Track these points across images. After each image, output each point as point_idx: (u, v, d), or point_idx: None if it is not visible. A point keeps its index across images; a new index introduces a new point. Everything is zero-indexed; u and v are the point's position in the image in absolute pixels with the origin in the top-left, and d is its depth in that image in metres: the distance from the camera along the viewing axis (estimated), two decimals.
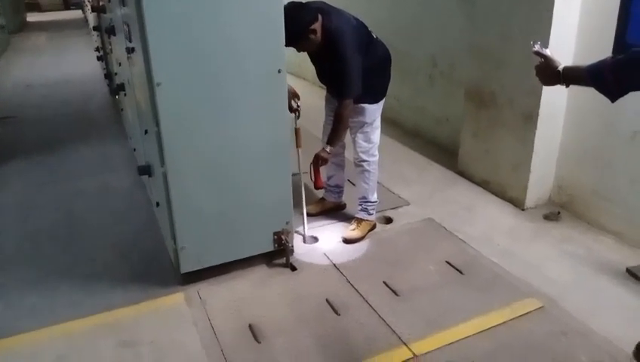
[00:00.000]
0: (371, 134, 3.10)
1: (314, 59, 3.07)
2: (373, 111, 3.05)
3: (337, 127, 2.95)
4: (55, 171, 4.49)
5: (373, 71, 2.92)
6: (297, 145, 3.10)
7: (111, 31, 3.74)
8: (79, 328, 2.57)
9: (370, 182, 3.20)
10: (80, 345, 2.46)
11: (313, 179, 3.01)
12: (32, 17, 17.19)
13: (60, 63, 9.14)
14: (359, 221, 3.26)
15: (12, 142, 5.25)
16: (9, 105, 6.58)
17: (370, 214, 3.26)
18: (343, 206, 3.57)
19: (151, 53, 2.33)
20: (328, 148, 2.97)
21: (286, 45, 2.62)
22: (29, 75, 8.38)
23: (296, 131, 3.08)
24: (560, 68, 1.83)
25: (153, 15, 2.28)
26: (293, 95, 3.04)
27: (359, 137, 3.10)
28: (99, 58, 6.76)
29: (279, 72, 2.61)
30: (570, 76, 1.82)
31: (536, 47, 1.90)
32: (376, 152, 3.17)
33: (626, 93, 1.69)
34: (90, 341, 2.48)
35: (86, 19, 12.38)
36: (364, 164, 3.15)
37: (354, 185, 3.51)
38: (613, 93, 1.71)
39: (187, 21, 2.36)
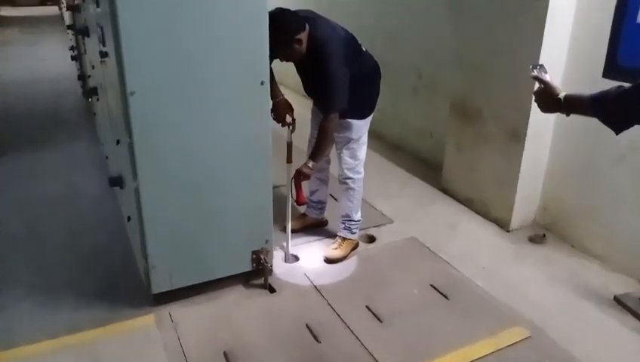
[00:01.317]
0: (357, 151, 2.98)
1: (300, 71, 2.94)
2: (360, 127, 2.93)
3: (321, 142, 2.82)
4: (19, 175, 4.26)
5: (361, 85, 2.80)
6: (288, 161, 2.95)
7: (84, 32, 3.56)
8: (39, 351, 2.38)
9: (355, 200, 3.07)
10: None
11: (294, 195, 2.87)
12: (5, 11, 16.70)
13: (33, 61, 8.83)
14: (342, 240, 3.13)
15: None
16: None
17: (353, 233, 3.13)
18: (325, 222, 3.44)
19: (125, 60, 2.17)
20: (310, 164, 2.82)
21: (270, 55, 2.48)
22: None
23: (288, 146, 2.94)
24: (561, 96, 1.73)
25: (128, 19, 2.12)
26: (287, 108, 2.90)
27: (345, 153, 2.98)
28: (73, 58, 6.52)
29: (262, 83, 2.47)
30: (572, 105, 1.72)
31: (535, 72, 1.79)
32: (362, 169, 3.05)
33: (631, 125, 1.60)
34: None
35: (62, 16, 12.03)
36: (348, 181, 3.03)
37: (336, 200, 3.39)
38: (617, 125, 1.62)
39: (165, 27, 2.21)
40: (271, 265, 2.84)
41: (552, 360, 2.38)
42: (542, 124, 3.29)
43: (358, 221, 3.14)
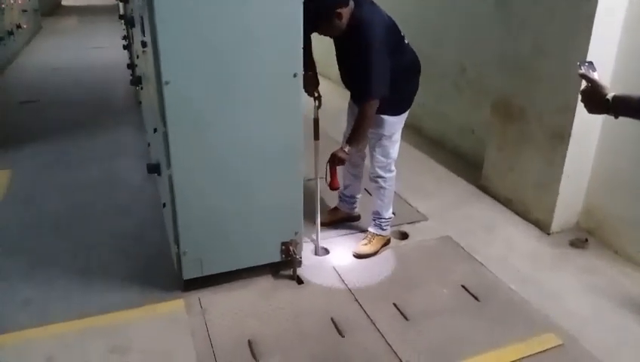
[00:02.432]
0: (390, 148, 2.92)
1: (339, 54, 2.88)
2: (393, 124, 2.87)
3: (358, 127, 2.74)
4: (68, 159, 4.43)
5: (398, 79, 2.72)
6: (315, 138, 2.91)
7: (131, 22, 3.65)
8: (72, 329, 2.48)
9: (386, 198, 3.03)
10: (70, 347, 2.37)
11: (329, 179, 2.84)
12: (66, 1, 17.37)
13: (88, 49, 9.15)
14: (372, 236, 3.10)
15: (30, 127, 5.22)
16: (33, 89, 6.59)
17: (383, 229, 3.10)
18: (357, 217, 3.41)
19: (160, 50, 2.21)
20: (347, 148, 2.76)
21: (307, 29, 2.44)
22: (56, 58, 8.40)
23: (315, 122, 2.91)
24: (609, 96, 1.60)
25: (164, 9, 2.16)
26: (314, 82, 2.85)
27: (377, 151, 2.93)
28: (125, 47, 6.71)
29: (295, 75, 2.47)
30: (622, 107, 1.59)
31: (583, 69, 1.66)
32: (394, 168, 3.00)
33: None
34: (81, 343, 2.39)
35: (118, 6, 12.39)
36: (379, 180, 2.98)
37: (371, 195, 3.36)
38: None
39: (200, 18, 2.24)
40: (300, 257, 2.85)
41: None
42: (588, 125, 3.15)
43: (389, 218, 3.10)
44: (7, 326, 2.48)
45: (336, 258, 3.06)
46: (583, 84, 1.69)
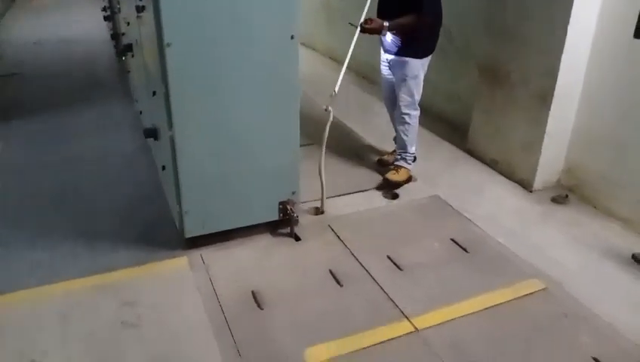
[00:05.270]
0: (414, 88, 3.29)
1: None
2: (417, 66, 3.23)
3: (404, 23, 3.08)
4: (58, 131, 4.44)
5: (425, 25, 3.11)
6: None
7: None
8: (80, 287, 2.57)
9: (410, 134, 3.41)
10: (81, 303, 2.47)
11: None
12: None
13: (68, 22, 8.99)
14: (398, 167, 3.48)
15: (15, 100, 5.20)
16: (14, 62, 6.50)
17: (408, 163, 3.49)
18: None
19: (162, 13, 2.27)
20: (386, 24, 3.05)
21: None
22: (35, 32, 8.25)
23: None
24: None
25: None
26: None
27: (402, 91, 3.27)
28: (106, 18, 6.64)
29: (292, 37, 2.55)
30: None
31: None
32: (418, 107, 3.39)
33: None
34: (91, 300, 2.49)
35: None
36: (405, 117, 3.37)
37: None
38: None
39: None
40: (297, 216, 2.96)
41: (566, 309, 2.46)
42: (570, 88, 3.30)
43: (413, 153, 3.50)
44: (16, 286, 2.56)
45: (332, 216, 3.18)
46: None
